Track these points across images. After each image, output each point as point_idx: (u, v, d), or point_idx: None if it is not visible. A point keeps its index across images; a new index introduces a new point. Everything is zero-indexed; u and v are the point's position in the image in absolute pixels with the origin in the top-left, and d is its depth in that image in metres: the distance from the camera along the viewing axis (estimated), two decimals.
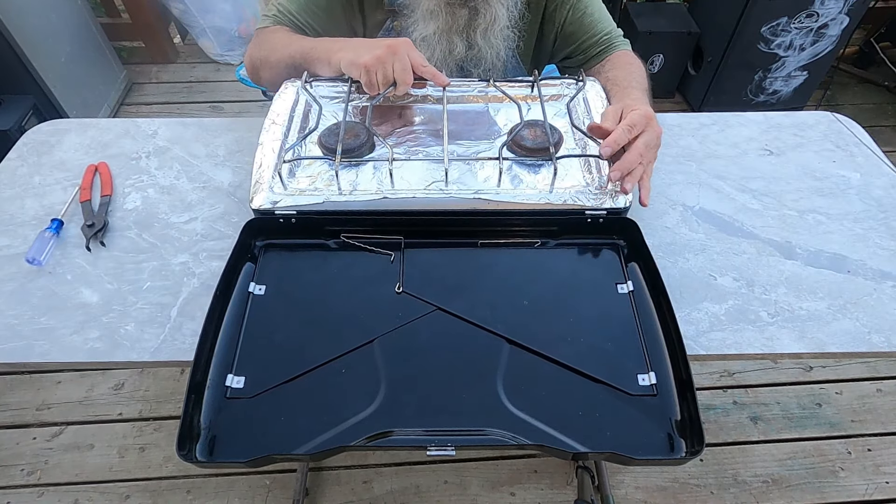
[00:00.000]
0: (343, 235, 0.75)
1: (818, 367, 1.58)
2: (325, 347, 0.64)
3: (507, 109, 0.89)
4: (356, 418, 0.58)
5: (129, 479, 1.35)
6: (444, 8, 0.90)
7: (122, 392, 1.50)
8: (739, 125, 0.98)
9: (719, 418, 1.47)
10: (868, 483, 1.37)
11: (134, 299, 0.72)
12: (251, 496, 1.32)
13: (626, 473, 1.38)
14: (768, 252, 0.78)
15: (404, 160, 0.79)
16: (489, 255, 0.74)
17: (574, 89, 0.89)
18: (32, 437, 1.42)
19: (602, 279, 0.71)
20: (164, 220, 0.81)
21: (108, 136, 0.95)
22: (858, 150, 0.93)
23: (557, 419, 0.59)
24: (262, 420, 0.59)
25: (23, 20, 1.80)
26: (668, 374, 0.62)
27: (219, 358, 0.63)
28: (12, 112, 1.78)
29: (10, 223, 0.81)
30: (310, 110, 0.86)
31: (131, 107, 2.38)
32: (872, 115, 2.41)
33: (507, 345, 0.65)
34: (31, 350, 0.67)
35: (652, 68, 2.30)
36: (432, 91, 0.90)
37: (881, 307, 0.71)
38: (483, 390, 0.61)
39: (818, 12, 1.94)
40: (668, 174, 0.88)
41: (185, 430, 0.56)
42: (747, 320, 0.70)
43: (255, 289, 0.70)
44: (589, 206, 0.73)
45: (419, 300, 0.69)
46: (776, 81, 2.20)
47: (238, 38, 2.50)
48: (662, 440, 0.58)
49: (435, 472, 1.37)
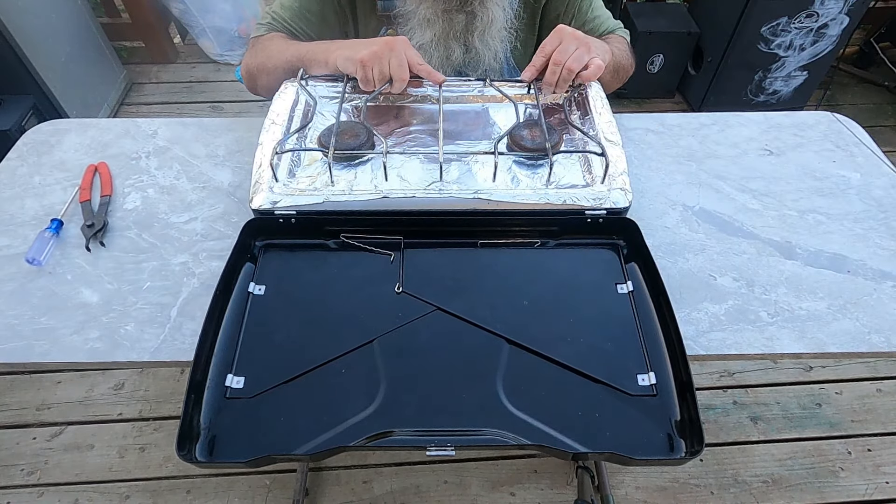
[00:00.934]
0: (343, 235, 0.75)
1: (818, 367, 1.58)
2: (325, 347, 0.64)
3: (507, 109, 0.89)
4: (356, 418, 0.58)
5: (129, 479, 1.35)
6: (441, 15, 0.90)
7: (122, 392, 1.50)
8: (739, 125, 0.98)
9: (719, 418, 1.47)
10: (868, 483, 1.37)
11: (134, 299, 0.72)
12: (251, 496, 1.33)
13: (626, 473, 1.38)
14: (768, 252, 0.78)
15: (399, 154, 0.79)
16: (489, 256, 0.74)
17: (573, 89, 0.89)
18: (32, 437, 1.42)
19: (602, 279, 0.71)
20: (164, 220, 0.81)
21: (108, 136, 0.95)
22: (858, 150, 0.93)
23: (557, 419, 0.59)
24: (262, 420, 0.59)
25: (23, 20, 1.80)
26: (668, 375, 0.62)
27: (219, 358, 0.63)
28: (12, 112, 1.78)
29: (10, 223, 0.81)
30: (309, 110, 0.86)
31: (131, 107, 2.38)
32: (872, 115, 2.41)
33: (507, 345, 0.65)
34: (31, 350, 0.67)
35: (652, 68, 2.30)
36: (431, 91, 0.90)
37: (881, 307, 0.71)
38: (483, 390, 0.61)
39: (818, 12, 1.94)
40: (668, 174, 0.88)
41: (184, 430, 0.56)
42: (747, 320, 0.70)
43: (254, 289, 0.70)
44: (589, 206, 0.73)
45: (419, 300, 0.69)
46: (776, 81, 2.20)
47: (238, 38, 2.50)
48: (662, 440, 0.58)
49: (435, 472, 1.37)
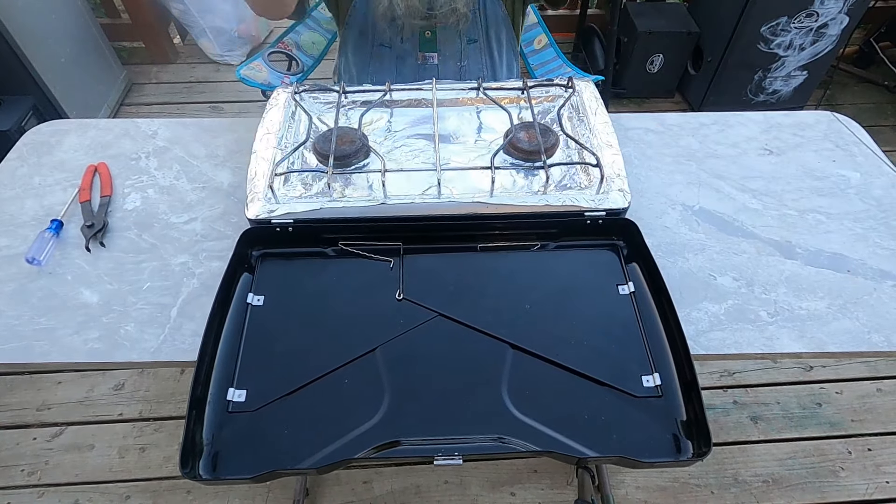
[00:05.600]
0: (341, 243, 0.74)
1: (818, 367, 1.58)
2: (327, 358, 0.63)
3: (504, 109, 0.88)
4: (361, 429, 0.58)
5: (129, 480, 1.35)
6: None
7: (122, 392, 1.50)
8: (739, 125, 0.98)
9: (719, 418, 1.47)
10: (868, 483, 1.37)
11: (134, 300, 0.72)
12: (251, 496, 1.32)
13: (627, 473, 1.38)
14: (768, 252, 0.78)
15: (397, 171, 0.77)
16: (489, 260, 0.74)
17: (566, 93, 0.89)
18: (33, 438, 1.42)
19: (603, 281, 0.71)
20: (164, 221, 0.81)
21: (107, 136, 0.95)
22: (858, 149, 0.93)
23: (564, 424, 0.58)
24: (266, 434, 0.58)
25: (23, 20, 1.80)
26: (673, 375, 0.62)
27: (219, 372, 0.62)
28: (12, 112, 1.78)
29: (10, 223, 0.81)
30: (305, 124, 0.85)
31: (131, 107, 2.38)
32: (872, 115, 2.41)
33: (511, 350, 0.64)
34: (31, 350, 0.67)
35: (652, 68, 2.30)
36: (426, 95, 0.89)
37: (881, 307, 0.71)
38: (488, 396, 0.60)
39: (818, 12, 1.94)
40: (668, 174, 0.88)
41: (187, 447, 0.55)
42: (747, 320, 0.70)
43: (253, 299, 0.69)
44: (588, 208, 0.73)
45: (420, 307, 0.68)
46: (776, 81, 2.20)
47: (238, 39, 2.50)
48: (669, 442, 0.58)
49: (435, 472, 1.37)
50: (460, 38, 1.05)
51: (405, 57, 1.08)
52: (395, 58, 1.08)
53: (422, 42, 1.05)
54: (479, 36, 1.07)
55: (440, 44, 1.06)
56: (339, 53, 1.17)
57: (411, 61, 1.08)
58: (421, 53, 1.07)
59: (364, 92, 0.90)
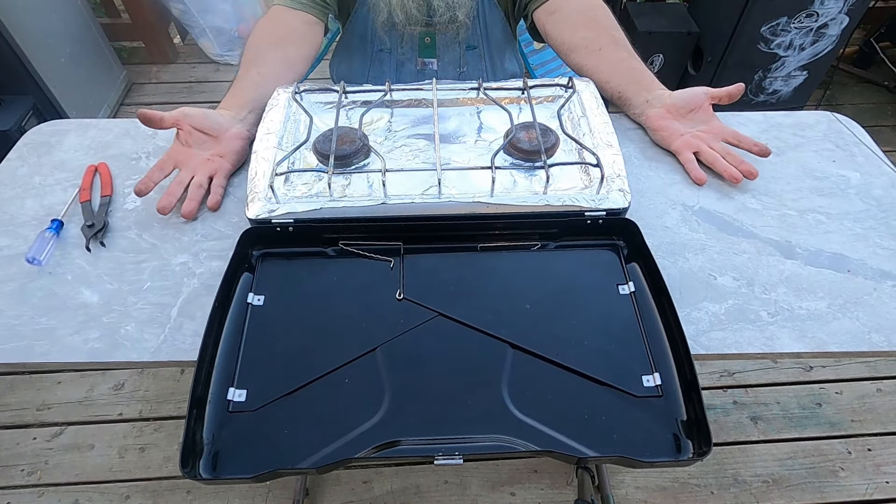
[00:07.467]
0: (341, 243, 0.74)
1: (818, 367, 1.58)
2: (327, 357, 0.63)
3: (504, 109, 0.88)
4: (361, 428, 0.58)
5: (129, 480, 1.35)
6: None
7: (122, 392, 1.50)
8: (739, 125, 0.98)
9: (719, 418, 1.47)
10: (868, 483, 1.37)
11: (134, 299, 0.72)
12: (251, 496, 1.33)
13: (627, 473, 1.38)
14: (768, 252, 0.78)
15: (397, 171, 0.77)
16: (489, 259, 0.74)
17: (567, 92, 0.89)
18: (32, 438, 1.42)
19: (603, 281, 0.71)
20: (164, 221, 0.81)
21: (108, 136, 0.95)
22: (858, 149, 0.93)
23: (564, 423, 0.58)
24: (266, 433, 0.58)
25: (23, 20, 1.80)
26: (673, 375, 0.62)
27: (219, 371, 0.62)
28: (12, 112, 1.78)
29: (10, 223, 0.81)
30: (305, 124, 0.85)
31: (131, 107, 2.38)
32: (872, 115, 2.41)
33: (511, 349, 0.64)
34: (31, 350, 0.66)
35: (652, 68, 2.30)
36: (426, 95, 0.89)
37: (881, 307, 0.71)
38: (488, 396, 0.60)
39: (818, 12, 1.94)
40: (668, 174, 0.88)
41: (187, 446, 0.55)
42: (747, 320, 0.70)
43: (253, 299, 0.69)
44: (588, 207, 0.73)
45: (421, 306, 0.68)
46: (776, 81, 2.20)
47: (238, 39, 2.50)
48: (669, 441, 0.58)
49: (435, 472, 1.37)
50: (460, 45, 1.05)
51: (405, 62, 1.08)
52: (394, 63, 1.08)
53: (421, 48, 1.06)
54: (478, 42, 1.06)
55: (440, 50, 1.06)
56: (339, 58, 1.17)
57: (411, 67, 1.09)
58: (420, 59, 1.07)
59: (364, 92, 0.90)
